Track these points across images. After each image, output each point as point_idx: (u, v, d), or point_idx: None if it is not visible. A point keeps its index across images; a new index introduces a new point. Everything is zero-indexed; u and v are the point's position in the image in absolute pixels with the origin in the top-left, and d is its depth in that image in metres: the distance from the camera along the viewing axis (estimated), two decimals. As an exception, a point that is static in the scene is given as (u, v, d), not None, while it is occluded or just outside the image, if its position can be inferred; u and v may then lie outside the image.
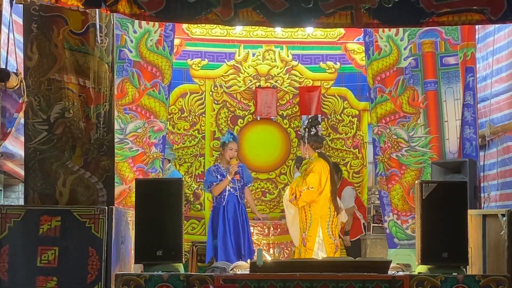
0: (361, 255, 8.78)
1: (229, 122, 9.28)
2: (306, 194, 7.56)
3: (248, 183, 8.21)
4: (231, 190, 7.99)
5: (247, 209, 8.21)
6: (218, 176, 8.01)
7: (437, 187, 5.53)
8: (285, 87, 9.36)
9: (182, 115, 9.20)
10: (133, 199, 5.78)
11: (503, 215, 5.33)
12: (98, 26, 5.58)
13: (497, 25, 7.55)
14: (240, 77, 9.31)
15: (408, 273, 5.61)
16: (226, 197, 7.97)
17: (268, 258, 5.65)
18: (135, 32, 7.74)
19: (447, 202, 5.48)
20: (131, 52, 7.70)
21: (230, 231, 7.88)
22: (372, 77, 7.98)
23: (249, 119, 9.34)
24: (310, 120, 8.03)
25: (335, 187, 7.86)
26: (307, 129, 7.87)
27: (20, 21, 5.77)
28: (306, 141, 7.80)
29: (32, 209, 5.25)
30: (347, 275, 5.18)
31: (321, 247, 7.58)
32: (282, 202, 8.99)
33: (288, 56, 9.36)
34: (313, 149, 7.85)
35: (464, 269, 5.48)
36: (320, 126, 8.08)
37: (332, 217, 7.70)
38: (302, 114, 9.21)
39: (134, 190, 5.80)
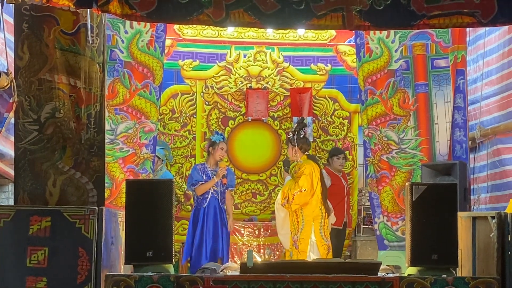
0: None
1: (220, 123, 9.28)
2: (299, 197, 7.56)
3: (230, 187, 8.16)
4: (214, 193, 7.95)
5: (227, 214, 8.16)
6: (204, 176, 7.97)
7: (427, 189, 5.54)
8: (276, 89, 9.37)
9: (173, 116, 9.19)
10: (124, 199, 5.77)
11: (492, 218, 5.35)
12: (89, 26, 5.57)
13: (487, 28, 7.58)
14: (231, 78, 9.31)
15: (398, 275, 5.61)
16: (208, 200, 7.93)
17: (258, 260, 5.64)
18: (126, 32, 7.73)
19: (437, 204, 5.49)
20: (122, 52, 7.69)
21: (209, 234, 7.84)
22: (363, 79, 7.99)
23: (240, 120, 9.34)
24: (297, 123, 8.04)
25: (326, 188, 7.87)
26: (296, 132, 7.88)
27: (11, 20, 5.76)
28: (295, 144, 7.80)
29: (22, 209, 5.24)
30: (337, 277, 5.19)
31: (313, 248, 7.59)
32: (272, 203, 9.00)
33: (279, 57, 9.37)
34: (302, 151, 7.85)
35: (453, 271, 5.49)
36: (306, 128, 8.09)
37: (324, 218, 7.70)
38: (293, 116, 9.22)
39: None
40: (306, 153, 7.89)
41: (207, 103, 9.28)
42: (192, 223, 7.95)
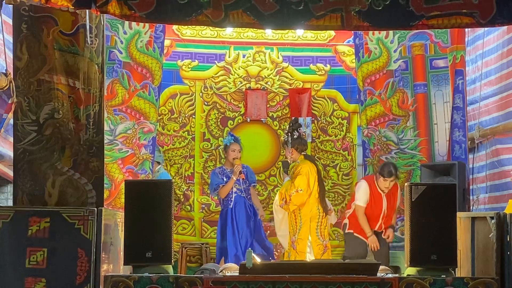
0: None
1: (219, 123, 9.27)
2: (296, 197, 7.55)
3: (252, 183, 8.16)
4: (238, 192, 7.93)
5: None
6: (224, 178, 7.93)
7: (426, 189, 5.55)
8: (275, 89, 9.35)
9: (172, 116, 9.18)
10: (123, 200, 5.77)
11: (491, 218, 5.35)
12: (88, 27, 5.57)
13: (486, 28, 7.59)
14: (230, 78, 9.29)
15: (397, 275, 5.62)
16: (233, 199, 7.91)
17: (258, 260, 5.65)
18: (125, 33, 7.73)
19: (436, 205, 5.49)
20: (121, 53, 7.70)
21: (240, 233, 7.81)
22: (362, 80, 8.01)
23: (239, 121, 9.33)
24: (291, 124, 8.03)
25: (323, 188, 7.86)
26: (289, 133, 7.87)
27: (9, 21, 5.76)
28: (290, 145, 7.80)
29: (21, 210, 5.24)
30: (336, 277, 5.19)
31: (310, 248, 7.59)
32: (271, 203, 8.99)
33: (278, 57, 9.36)
34: (298, 152, 7.84)
35: (453, 271, 5.50)
36: (301, 128, 8.08)
37: (321, 218, 7.69)
38: (292, 116, 9.20)
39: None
40: (303, 153, 7.88)
41: (206, 103, 9.27)
42: (221, 226, 7.93)
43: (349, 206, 7.89)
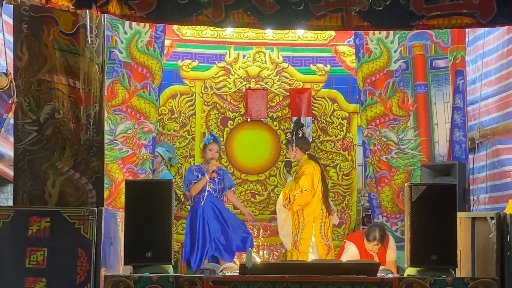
0: None
1: (219, 123, 9.28)
2: (300, 198, 7.55)
3: (230, 187, 8.19)
4: (211, 191, 7.96)
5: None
6: (199, 175, 7.97)
7: (426, 189, 5.55)
8: (275, 89, 9.36)
9: (172, 116, 9.18)
10: (123, 200, 5.78)
11: (492, 218, 5.35)
12: (88, 27, 5.57)
13: (486, 29, 7.59)
14: (230, 78, 9.30)
15: (397, 275, 5.61)
16: (205, 198, 7.93)
17: (258, 260, 5.65)
18: (125, 33, 7.73)
19: (436, 205, 5.49)
20: (121, 53, 7.70)
21: (210, 232, 7.84)
22: (362, 80, 8.00)
23: (239, 121, 9.33)
24: (295, 124, 8.04)
25: (327, 188, 7.86)
26: (294, 132, 7.87)
27: (10, 21, 5.76)
28: (294, 144, 7.80)
29: (21, 210, 5.24)
30: (337, 277, 5.19)
31: (313, 249, 7.58)
32: (271, 204, 9.00)
33: (278, 58, 9.36)
34: (302, 151, 7.84)
35: (453, 271, 5.50)
36: (305, 128, 8.08)
37: (325, 218, 7.69)
38: (292, 116, 9.21)
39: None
40: (306, 152, 7.88)
41: (206, 103, 9.28)
42: (190, 224, 7.95)
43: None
